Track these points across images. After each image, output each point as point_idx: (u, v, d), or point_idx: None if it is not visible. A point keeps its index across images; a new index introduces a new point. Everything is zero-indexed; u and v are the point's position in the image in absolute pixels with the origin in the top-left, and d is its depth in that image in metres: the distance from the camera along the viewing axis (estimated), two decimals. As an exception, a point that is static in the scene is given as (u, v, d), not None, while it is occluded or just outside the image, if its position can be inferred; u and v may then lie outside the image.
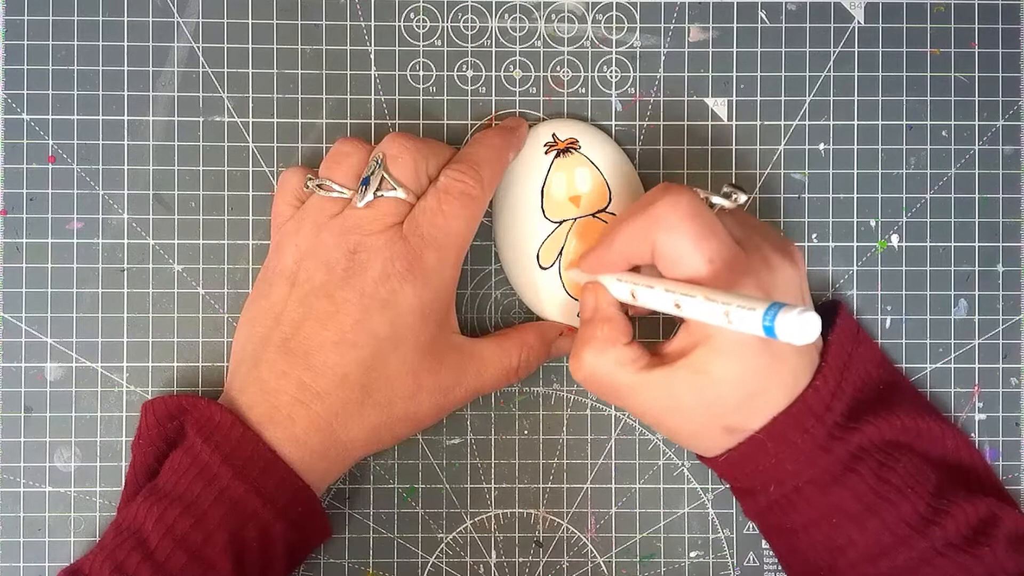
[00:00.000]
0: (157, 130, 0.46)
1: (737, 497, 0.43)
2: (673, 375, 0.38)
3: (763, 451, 0.39)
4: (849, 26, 0.46)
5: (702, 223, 0.37)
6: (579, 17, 0.46)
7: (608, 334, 0.40)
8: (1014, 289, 0.46)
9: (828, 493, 0.39)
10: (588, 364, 0.40)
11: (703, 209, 0.38)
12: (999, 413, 0.46)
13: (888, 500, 0.39)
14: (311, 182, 0.42)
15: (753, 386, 0.38)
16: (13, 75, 0.46)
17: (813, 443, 0.39)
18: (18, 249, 0.46)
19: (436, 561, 0.46)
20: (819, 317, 0.32)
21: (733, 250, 0.38)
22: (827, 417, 0.39)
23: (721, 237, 0.38)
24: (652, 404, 0.40)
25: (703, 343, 0.38)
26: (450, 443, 0.46)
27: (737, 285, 0.37)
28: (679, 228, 0.37)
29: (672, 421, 0.40)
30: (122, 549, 0.38)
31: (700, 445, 0.41)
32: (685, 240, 0.37)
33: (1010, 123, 0.46)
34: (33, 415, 0.45)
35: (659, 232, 0.38)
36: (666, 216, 0.38)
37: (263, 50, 0.46)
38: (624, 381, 0.39)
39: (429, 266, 0.40)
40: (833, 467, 0.39)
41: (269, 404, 0.40)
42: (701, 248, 0.37)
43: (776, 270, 0.39)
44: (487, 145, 0.43)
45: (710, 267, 0.37)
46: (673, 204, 0.38)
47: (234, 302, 0.46)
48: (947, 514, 0.39)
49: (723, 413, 0.39)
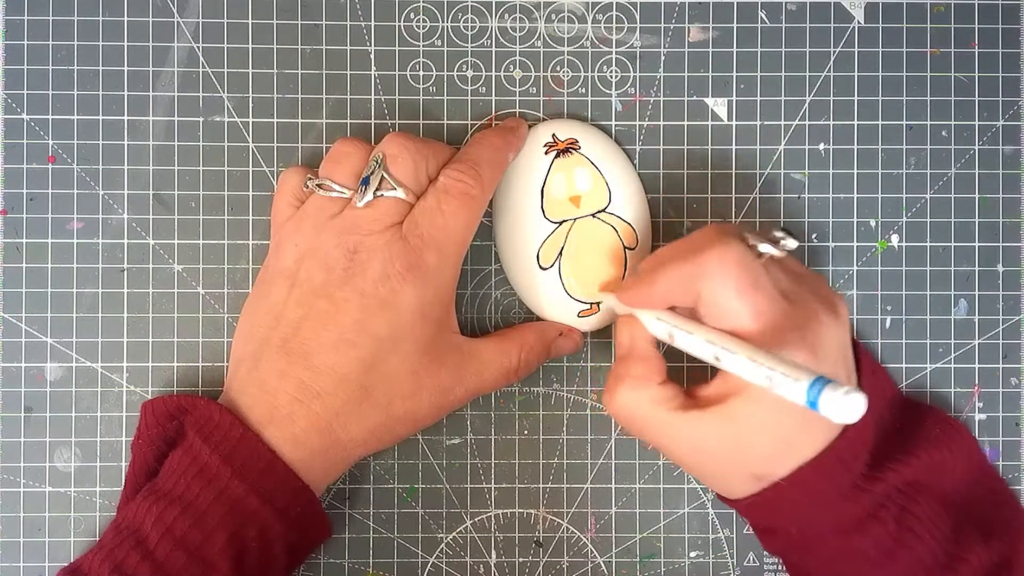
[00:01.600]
0: (157, 130, 0.46)
1: (758, 535, 0.43)
2: (706, 419, 0.38)
3: (788, 498, 0.39)
4: (849, 26, 0.46)
5: (749, 277, 0.37)
6: (579, 17, 0.46)
7: (644, 372, 0.40)
8: (1014, 289, 0.46)
9: (849, 539, 0.39)
10: (622, 401, 0.40)
11: (751, 262, 0.37)
12: (999, 413, 0.46)
13: (908, 547, 0.39)
14: (311, 182, 0.42)
15: (785, 438, 0.38)
16: (13, 75, 0.46)
17: (838, 492, 0.39)
18: (18, 249, 0.46)
19: (436, 561, 0.46)
20: (865, 397, 0.32)
21: (779, 304, 0.37)
22: (854, 467, 0.39)
23: (767, 291, 0.37)
24: (682, 445, 0.40)
25: (739, 393, 0.38)
26: (450, 443, 0.46)
27: (782, 341, 0.37)
28: (726, 280, 0.37)
29: (700, 463, 0.40)
30: (121, 548, 0.38)
31: (725, 487, 0.41)
32: (731, 293, 0.37)
33: (1010, 123, 0.46)
34: (33, 415, 0.45)
35: (705, 281, 0.37)
36: (714, 266, 0.37)
37: (263, 50, 0.46)
38: (657, 420, 0.39)
39: (429, 266, 0.40)
40: (856, 514, 0.39)
41: (269, 404, 0.40)
42: (747, 302, 0.37)
43: (821, 326, 0.38)
44: (487, 145, 0.43)
45: (756, 321, 0.37)
46: (721, 256, 0.37)
47: (234, 302, 0.46)
48: (963, 560, 0.39)
49: (752, 461, 0.39)
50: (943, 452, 0.42)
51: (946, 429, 0.43)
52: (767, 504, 0.40)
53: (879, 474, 0.39)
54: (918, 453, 0.41)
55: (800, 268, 0.41)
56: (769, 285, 0.38)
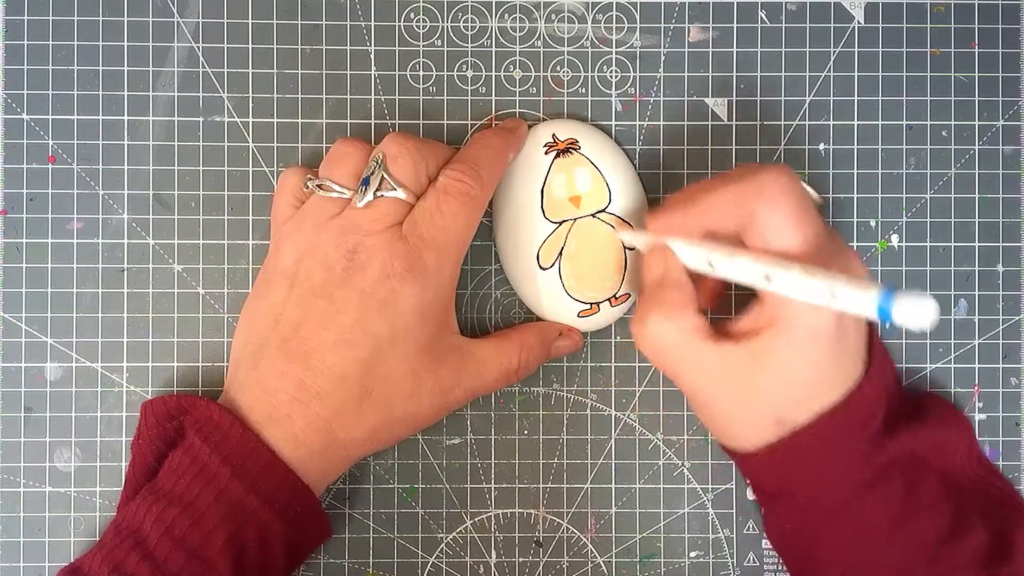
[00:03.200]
0: (157, 130, 0.46)
1: (761, 500, 0.43)
2: (737, 352, 0.38)
3: (805, 450, 0.39)
4: (849, 26, 0.46)
5: (804, 203, 0.37)
6: (579, 17, 0.46)
7: (678, 299, 0.39)
8: (1014, 289, 0.46)
9: (860, 501, 0.39)
10: (653, 330, 0.39)
11: (804, 190, 0.38)
12: (999, 413, 0.46)
13: (915, 516, 0.39)
14: (311, 182, 0.42)
15: (815, 377, 0.38)
16: (13, 75, 0.46)
17: (854, 448, 0.39)
18: (18, 249, 0.46)
19: (436, 561, 0.46)
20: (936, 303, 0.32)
21: (826, 236, 0.38)
22: (871, 424, 0.39)
23: (819, 221, 0.38)
24: (709, 380, 0.39)
25: (774, 325, 0.37)
26: (450, 443, 0.46)
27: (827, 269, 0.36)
28: (781, 202, 0.37)
29: (725, 402, 0.39)
30: (121, 548, 0.38)
31: (744, 434, 0.40)
32: (786, 216, 0.37)
33: (1010, 123, 0.46)
34: (33, 415, 0.45)
35: (759, 203, 0.37)
36: (771, 189, 0.37)
37: (263, 50, 0.46)
38: (687, 350, 0.38)
39: (428, 266, 0.40)
40: (867, 475, 0.39)
41: (268, 404, 0.40)
42: (801, 227, 0.37)
43: (853, 267, 0.38)
44: (486, 145, 0.43)
45: (804, 246, 0.37)
46: (777, 178, 0.37)
47: (234, 302, 0.46)
48: (968, 530, 0.39)
49: (779, 401, 0.38)
50: (948, 432, 0.42)
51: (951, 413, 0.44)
52: (782, 457, 0.39)
53: (892, 436, 0.39)
54: (926, 428, 0.41)
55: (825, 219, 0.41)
56: (817, 216, 0.38)
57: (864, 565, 0.39)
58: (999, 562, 0.39)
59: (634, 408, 0.46)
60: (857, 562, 0.40)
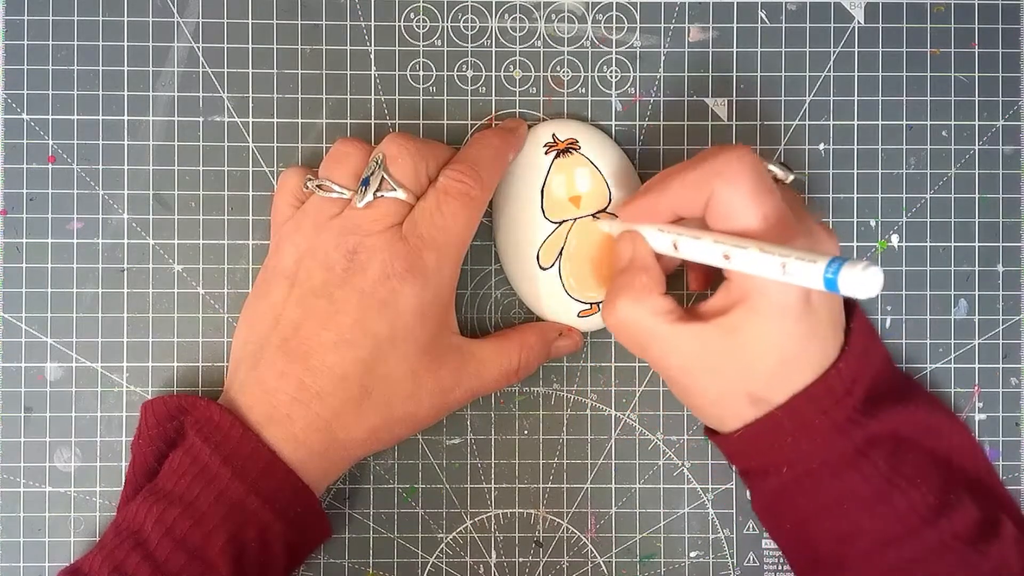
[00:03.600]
0: (157, 130, 0.46)
1: (746, 481, 0.43)
2: (707, 331, 0.38)
3: (781, 428, 0.39)
4: (849, 26, 0.46)
5: (761, 181, 0.37)
6: (579, 17, 0.46)
7: (645, 283, 0.39)
8: (1014, 289, 0.46)
9: (841, 477, 0.39)
10: (622, 312, 0.39)
11: (763, 169, 0.38)
12: (999, 413, 0.46)
13: (899, 488, 0.39)
14: (311, 182, 0.42)
15: (786, 353, 0.38)
16: (13, 75, 0.46)
17: (831, 425, 0.39)
18: (18, 249, 0.46)
19: (436, 561, 0.46)
20: (881, 272, 0.32)
21: (786, 212, 0.38)
22: (847, 401, 0.39)
23: (777, 197, 0.38)
24: (680, 360, 0.39)
25: (742, 302, 0.37)
26: (450, 443, 0.46)
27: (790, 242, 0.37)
28: (739, 181, 0.37)
29: (698, 382, 0.40)
30: (121, 549, 0.38)
31: (720, 414, 0.40)
32: (743, 194, 0.37)
33: (1010, 123, 0.46)
34: (33, 415, 0.45)
35: (718, 183, 0.37)
36: (728, 168, 0.37)
37: (263, 50, 0.46)
38: (657, 332, 0.39)
39: (428, 266, 0.40)
40: (848, 450, 0.39)
41: (268, 404, 0.40)
42: (758, 204, 0.37)
43: (820, 242, 0.39)
44: (486, 145, 0.43)
45: (763, 223, 0.37)
46: (737, 158, 0.38)
47: (234, 302, 0.46)
48: (956, 508, 0.39)
49: (751, 378, 0.38)
50: (940, 419, 0.42)
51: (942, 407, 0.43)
52: (760, 435, 0.39)
53: (872, 413, 0.39)
54: (911, 408, 0.41)
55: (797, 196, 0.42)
56: (777, 194, 0.38)
57: (848, 537, 0.39)
58: (986, 541, 0.39)
59: (634, 408, 0.46)
60: (841, 534, 0.39)
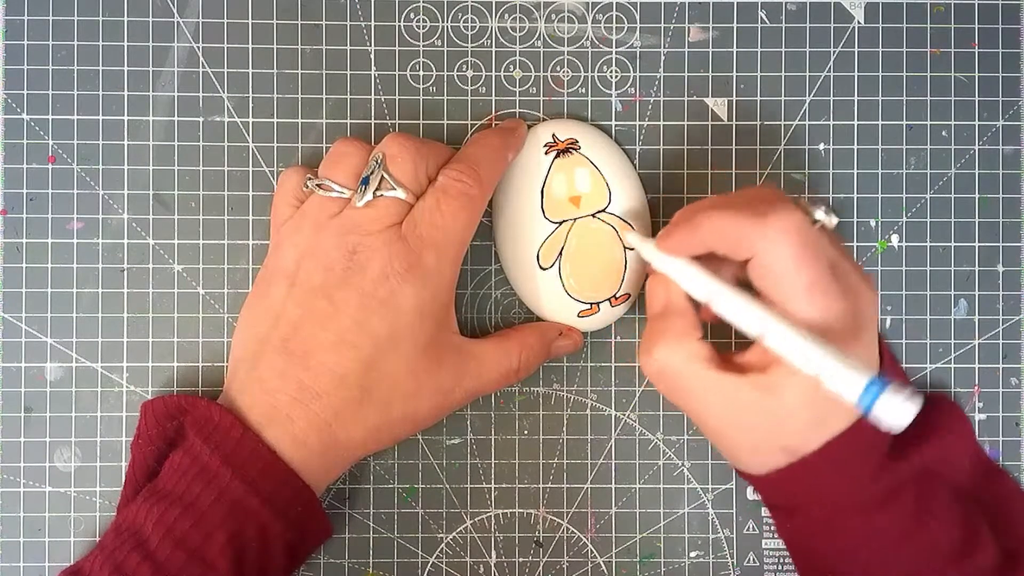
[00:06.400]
0: (157, 130, 0.46)
1: (773, 515, 0.43)
2: (743, 385, 0.38)
3: (813, 474, 0.39)
4: (849, 26, 0.46)
5: (807, 246, 0.37)
6: (579, 17, 0.46)
7: (683, 327, 0.39)
8: (1014, 289, 0.46)
9: (870, 518, 0.39)
10: (660, 358, 0.39)
11: (811, 231, 0.37)
12: (999, 413, 0.46)
13: (926, 528, 0.39)
14: (311, 182, 0.42)
15: (821, 412, 0.38)
16: (13, 75, 0.46)
17: (863, 470, 0.39)
18: (18, 249, 0.46)
19: (436, 561, 0.46)
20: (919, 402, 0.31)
21: (831, 279, 0.37)
22: (879, 446, 0.39)
23: (823, 264, 0.37)
24: (716, 410, 0.39)
25: (780, 363, 0.37)
26: (450, 443, 0.46)
27: (833, 319, 0.36)
28: (785, 245, 0.37)
29: (729, 431, 0.39)
30: (122, 550, 0.38)
31: (752, 461, 0.40)
32: (788, 258, 0.37)
33: (1010, 123, 0.46)
34: (33, 415, 0.45)
35: (765, 242, 0.37)
36: (777, 229, 0.37)
37: (263, 50, 0.46)
38: (695, 378, 0.38)
39: (428, 266, 0.40)
40: (878, 493, 0.39)
41: (268, 404, 0.40)
42: (804, 271, 0.36)
43: (861, 299, 0.38)
44: (486, 145, 0.43)
45: (808, 294, 0.36)
46: (785, 219, 0.37)
47: (234, 302, 0.46)
48: (977, 547, 0.39)
49: (784, 434, 0.38)
50: (954, 442, 0.42)
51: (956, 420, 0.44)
52: (792, 480, 0.39)
53: (902, 455, 0.39)
54: (932, 441, 0.41)
55: (838, 242, 0.41)
56: (824, 257, 0.37)
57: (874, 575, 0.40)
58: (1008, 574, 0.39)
59: (634, 408, 0.46)
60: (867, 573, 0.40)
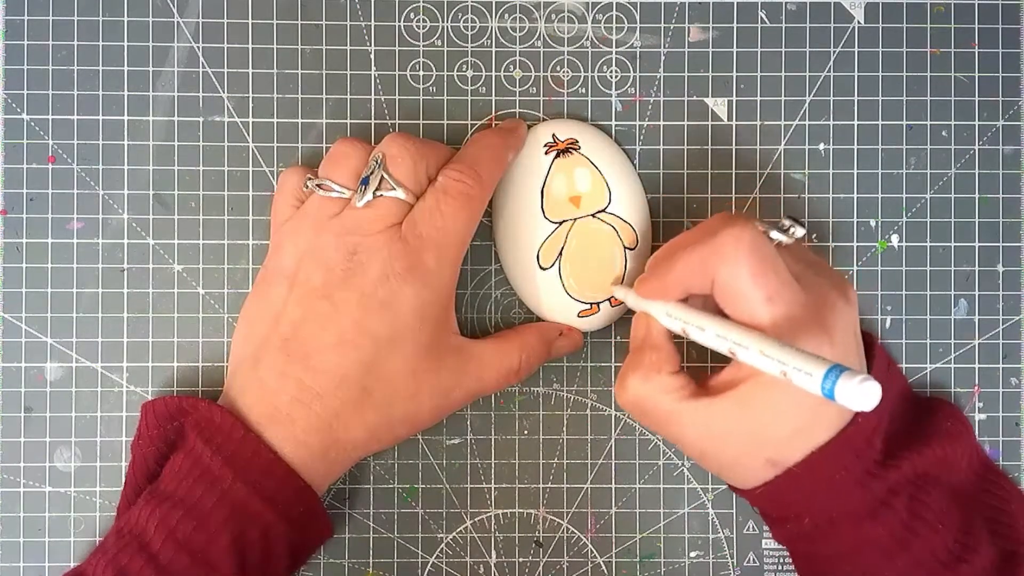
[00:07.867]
0: (157, 130, 0.46)
1: (768, 524, 0.43)
2: (718, 405, 0.38)
3: (801, 486, 0.39)
4: (849, 26, 0.46)
5: (763, 259, 0.37)
6: (579, 17, 0.46)
7: (654, 362, 0.40)
8: (1014, 289, 0.46)
9: (862, 527, 0.39)
10: (632, 390, 0.40)
11: (764, 244, 0.37)
12: (999, 413, 0.46)
13: (919, 536, 0.39)
14: (311, 182, 0.42)
15: (799, 422, 0.38)
16: (13, 75, 0.46)
17: (851, 479, 0.39)
18: (18, 249, 0.46)
19: (436, 561, 0.46)
20: (879, 385, 0.31)
21: (793, 288, 0.37)
22: (867, 454, 0.39)
23: (781, 275, 0.37)
24: (694, 433, 0.39)
25: (751, 377, 0.38)
26: (450, 443, 0.46)
27: (797, 324, 0.37)
28: (739, 263, 0.37)
29: (713, 451, 0.40)
30: (125, 552, 0.38)
31: (739, 476, 0.41)
32: (746, 276, 0.37)
33: (1010, 123, 0.46)
34: (33, 415, 0.45)
35: (720, 265, 0.37)
36: (729, 249, 0.37)
37: (263, 50, 0.46)
38: (667, 408, 0.39)
39: (428, 266, 0.40)
40: (868, 501, 0.39)
41: (269, 404, 0.40)
42: (760, 285, 0.37)
43: (835, 309, 0.38)
44: (486, 145, 0.43)
45: (769, 305, 0.37)
46: (735, 237, 0.37)
47: (234, 302, 0.46)
48: (974, 552, 0.39)
49: (766, 445, 0.39)
50: (953, 446, 0.42)
51: (955, 423, 0.43)
52: (781, 492, 0.39)
53: (892, 463, 0.39)
54: (931, 445, 0.41)
55: (808, 254, 0.41)
56: (782, 269, 0.37)
57: None
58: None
59: (634, 408, 0.46)
60: None
